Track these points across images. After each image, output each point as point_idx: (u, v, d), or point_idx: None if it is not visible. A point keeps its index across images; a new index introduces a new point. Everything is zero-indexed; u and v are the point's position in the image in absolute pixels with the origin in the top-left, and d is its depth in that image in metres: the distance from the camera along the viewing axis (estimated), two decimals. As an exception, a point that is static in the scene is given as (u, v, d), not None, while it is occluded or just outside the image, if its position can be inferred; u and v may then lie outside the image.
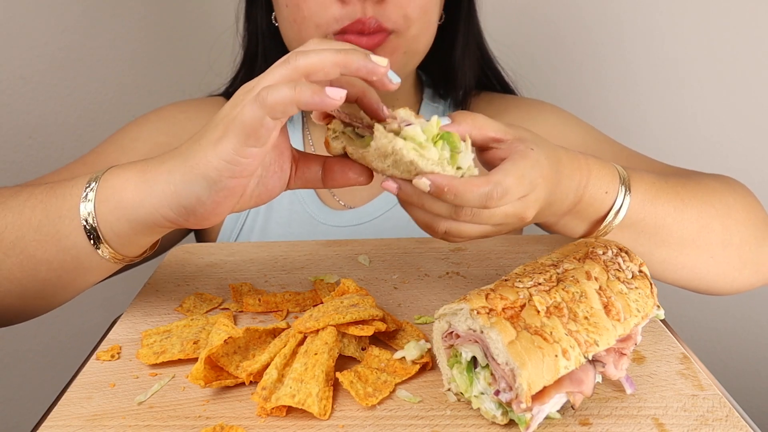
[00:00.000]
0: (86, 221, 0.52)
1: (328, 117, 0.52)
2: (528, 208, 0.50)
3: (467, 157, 0.49)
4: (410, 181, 0.48)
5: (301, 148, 0.88)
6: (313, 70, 0.45)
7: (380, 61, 0.46)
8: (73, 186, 0.53)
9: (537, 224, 0.92)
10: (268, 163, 0.52)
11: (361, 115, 0.51)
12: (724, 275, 0.64)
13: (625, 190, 0.57)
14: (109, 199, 0.51)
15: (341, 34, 0.72)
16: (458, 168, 0.48)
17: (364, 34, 0.71)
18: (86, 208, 0.52)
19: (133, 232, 0.52)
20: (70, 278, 0.56)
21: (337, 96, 0.44)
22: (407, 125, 0.47)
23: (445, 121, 0.51)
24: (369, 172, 0.53)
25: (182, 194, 0.48)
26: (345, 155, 0.53)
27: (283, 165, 0.53)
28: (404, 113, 0.48)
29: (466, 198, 0.47)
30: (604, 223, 0.57)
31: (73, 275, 0.56)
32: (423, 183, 0.47)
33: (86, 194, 0.52)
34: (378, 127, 0.47)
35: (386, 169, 0.49)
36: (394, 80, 0.47)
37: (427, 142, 0.47)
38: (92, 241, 0.52)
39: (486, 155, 0.52)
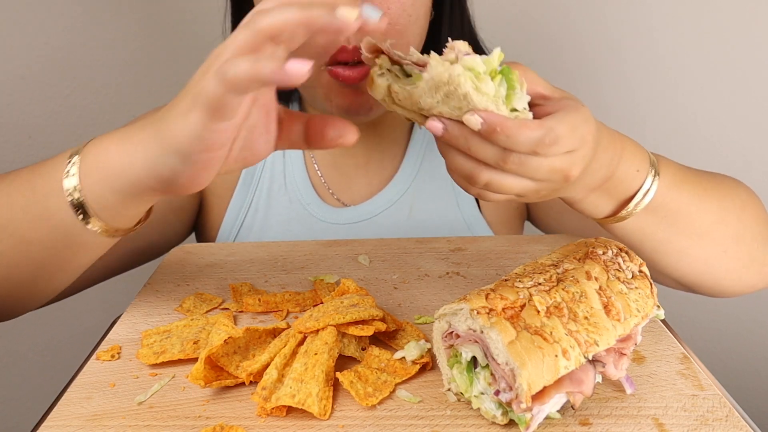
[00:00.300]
0: (72, 196, 0.51)
1: (376, 51, 0.49)
2: (574, 166, 0.48)
3: (523, 99, 0.46)
4: (458, 122, 0.46)
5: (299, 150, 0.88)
6: (275, 32, 0.41)
7: (348, 14, 0.41)
8: (56, 161, 0.52)
9: (546, 221, 0.92)
10: (252, 124, 0.49)
11: (411, 52, 0.48)
12: (733, 271, 0.64)
13: (655, 171, 0.57)
14: (92, 170, 0.50)
15: (330, 65, 0.68)
16: (512, 110, 0.46)
17: (348, 62, 0.67)
18: (70, 183, 0.50)
19: (119, 202, 0.51)
20: (65, 257, 0.56)
21: (299, 71, 0.39)
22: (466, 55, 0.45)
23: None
24: (353, 131, 0.50)
25: (159, 166, 0.47)
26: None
27: (269, 126, 0.50)
28: (462, 45, 0.45)
29: (517, 140, 0.44)
30: (632, 204, 0.56)
31: (68, 254, 0.55)
32: (474, 120, 0.44)
33: (68, 169, 0.51)
34: (434, 56, 0.45)
35: (434, 105, 0.46)
36: (374, 18, 0.42)
37: (485, 75, 0.44)
38: (81, 216, 0.51)
39: (532, 111, 0.50)
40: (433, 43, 0.82)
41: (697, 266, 0.63)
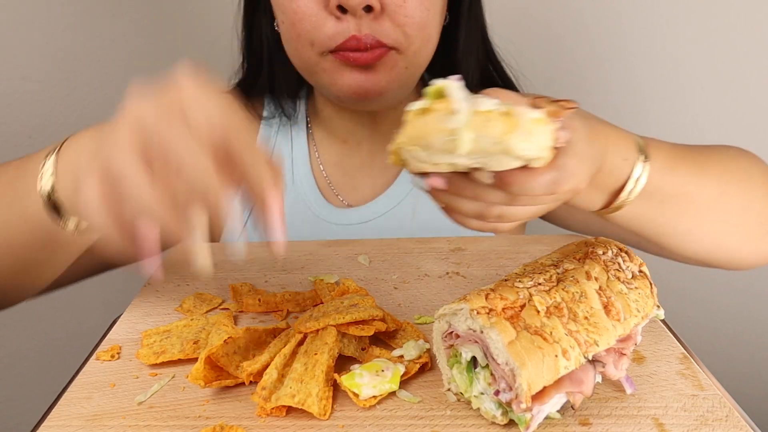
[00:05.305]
0: (47, 196, 0.52)
1: None
2: (582, 182, 0.47)
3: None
4: (460, 174, 0.43)
5: (305, 149, 0.88)
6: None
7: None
8: (36, 160, 0.54)
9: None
10: None
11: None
12: (747, 244, 0.63)
13: (644, 157, 0.55)
14: (68, 170, 0.51)
15: (336, 52, 0.68)
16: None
17: (361, 50, 0.67)
18: (46, 184, 0.52)
19: None
20: (45, 256, 0.57)
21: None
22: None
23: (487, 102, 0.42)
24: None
25: None
26: None
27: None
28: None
29: (531, 188, 0.43)
30: (624, 193, 0.55)
31: (47, 252, 0.57)
32: (486, 176, 0.43)
33: (44, 170, 0.52)
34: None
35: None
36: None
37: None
38: (56, 215, 0.52)
39: None
40: (449, 44, 0.82)
41: (706, 244, 0.62)
